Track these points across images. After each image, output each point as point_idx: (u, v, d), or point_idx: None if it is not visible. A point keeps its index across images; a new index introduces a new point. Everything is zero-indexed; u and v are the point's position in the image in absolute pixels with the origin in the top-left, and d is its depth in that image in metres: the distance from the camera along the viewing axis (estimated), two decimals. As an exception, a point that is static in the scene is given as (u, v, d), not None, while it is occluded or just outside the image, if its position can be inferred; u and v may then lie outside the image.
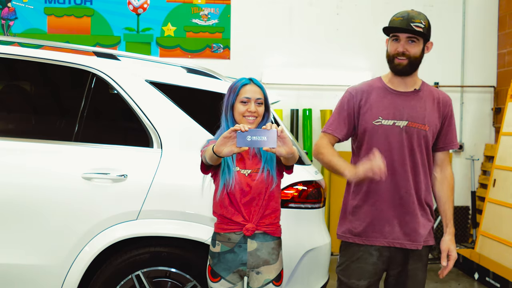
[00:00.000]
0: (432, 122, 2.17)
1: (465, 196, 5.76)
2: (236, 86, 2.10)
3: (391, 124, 2.15)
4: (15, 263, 2.40)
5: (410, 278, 2.19)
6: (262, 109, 2.11)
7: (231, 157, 2.05)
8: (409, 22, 2.11)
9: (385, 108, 2.17)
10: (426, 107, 2.17)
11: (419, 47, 2.15)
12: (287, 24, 5.47)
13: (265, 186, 2.08)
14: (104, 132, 2.67)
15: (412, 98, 2.18)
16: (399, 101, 2.17)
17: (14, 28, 5.29)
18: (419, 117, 2.15)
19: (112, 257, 2.50)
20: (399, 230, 2.16)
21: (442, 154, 2.25)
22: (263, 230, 2.09)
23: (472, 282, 4.48)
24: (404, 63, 2.13)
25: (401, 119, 2.15)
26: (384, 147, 2.13)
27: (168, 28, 5.40)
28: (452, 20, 5.67)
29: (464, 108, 5.75)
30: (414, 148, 2.14)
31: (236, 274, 2.11)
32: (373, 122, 2.17)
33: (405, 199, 2.15)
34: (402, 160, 2.14)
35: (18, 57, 2.55)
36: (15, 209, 2.40)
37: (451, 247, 2.19)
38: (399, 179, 2.14)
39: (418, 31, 2.10)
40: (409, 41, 2.12)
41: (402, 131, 2.14)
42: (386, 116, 2.16)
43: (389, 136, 2.15)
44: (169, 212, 2.48)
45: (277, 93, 5.19)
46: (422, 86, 2.23)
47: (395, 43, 2.14)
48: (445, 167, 2.25)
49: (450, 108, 2.23)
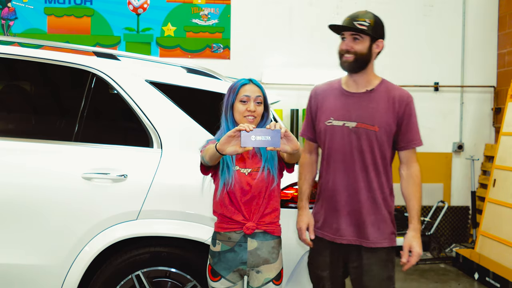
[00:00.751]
0: (384, 123, 2.18)
1: (465, 196, 5.76)
2: (236, 86, 2.13)
3: (341, 125, 2.22)
4: (15, 263, 2.40)
5: (365, 273, 2.21)
6: (261, 108, 2.13)
7: (230, 156, 2.06)
8: (352, 20, 2.20)
9: (337, 109, 2.24)
10: (378, 107, 2.20)
11: (364, 44, 2.19)
12: (287, 24, 5.47)
13: (265, 185, 2.08)
14: (104, 132, 2.67)
15: (363, 99, 2.22)
16: (350, 102, 2.23)
17: (14, 28, 5.29)
18: (368, 118, 2.18)
19: (112, 257, 2.50)
20: (346, 227, 2.21)
21: (405, 152, 2.25)
22: (263, 229, 2.10)
23: (472, 282, 4.48)
24: (350, 59, 2.19)
25: (350, 120, 2.20)
26: (336, 147, 2.22)
27: (168, 28, 5.40)
28: (452, 20, 5.67)
29: (464, 108, 5.75)
30: (364, 149, 2.18)
31: (236, 273, 2.12)
32: (325, 123, 2.25)
33: (352, 197, 2.20)
34: (352, 160, 2.20)
35: (18, 57, 2.55)
36: (15, 209, 2.40)
37: (413, 243, 2.18)
38: (349, 179, 2.20)
39: (360, 28, 2.17)
40: (353, 38, 2.19)
41: (351, 132, 2.19)
42: (337, 117, 2.23)
43: (339, 136, 2.21)
44: (169, 212, 2.48)
45: (277, 93, 5.19)
46: (378, 86, 2.24)
47: (342, 42, 2.23)
48: (410, 164, 2.25)
49: (408, 107, 2.21)
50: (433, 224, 5.33)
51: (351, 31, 2.19)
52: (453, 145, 5.74)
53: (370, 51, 2.21)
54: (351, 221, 2.21)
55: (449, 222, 5.75)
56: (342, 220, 2.22)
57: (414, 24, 5.60)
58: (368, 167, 2.19)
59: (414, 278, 4.55)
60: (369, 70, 2.25)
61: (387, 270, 2.23)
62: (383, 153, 2.20)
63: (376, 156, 2.19)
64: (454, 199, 5.79)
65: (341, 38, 2.25)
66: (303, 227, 2.31)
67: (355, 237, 2.21)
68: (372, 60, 2.24)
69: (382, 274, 2.21)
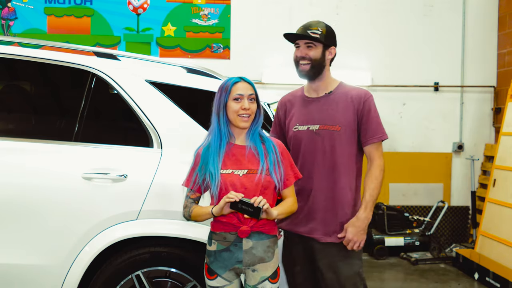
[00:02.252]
0: (345, 121, 2.31)
1: (465, 196, 5.76)
2: (227, 85, 2.13)
3: (305, 129, 2.36)
4: (15, 263, 2.40)
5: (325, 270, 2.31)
6: (254, 106, 2.14)
7: (214, 162, 2.09)
8: (306, 29, 2.34)
9: (301, 115, 2.39)
10: (338, 108, 2.33)
11: (318, 51, 2.33)
12: (287, 24, 5.46)
13: (261, 189, 2.08)
14: (104, 132, 2.67)
15: (323, 102, 2.36)
16: (312, 107, 2.38)
17: (14, 28, 5.30)
18: (330, 119, 2.32)
19: (112, 257, 2.50)
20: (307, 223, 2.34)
21: (368, 147, 2.34)
22: (259, 230, 2.10)
23: (472, 282, 4.48)
24: (307, 68, 2.33)
25: (313, 123, 2.34)
26: (303, 150, 2.36)
27: (168, 28, 5.40)
28: (452, 20, 5.67)
29: (464, 108, 5.75)
30: (327, 149, 2.31)
31: (232, 271, 2.13)
32: (292, 129, 2.40)
33: (313, 195, 2.33)
34: (316, 161, 2.33)
35: (18, 57, 2.55)
36: (15, 209, 2.40)
37: (349, 228, 2.27)
38: (313, 178, 2.33)
39: (313, 36, 2.31)
40: (307, 46, 2.33)
41: (315, 134, 2.33)
42: (301, 123, 2.38)
43: (305, 140, 2.35)
44: (169, 212, 2.48)
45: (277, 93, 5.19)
46: (336, 88, 2.38)
47: (297, 49, 2.38)
48: (372, 159, 2.34)
49: (366, 104, 2.32)
50: (433, 224, 5.33)
51: (305, 39, 2.33)
52: (453, 145, 5.74)
53: (323, 57, 2.35)
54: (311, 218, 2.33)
55: (449, 222, 5.75)
56: (304, 217, 2.35)
57: (414, 24, 5.60)
58: (335, 166, 2.31)
59: (414, 278, 4.55)
60: (326, 76, 2.39)
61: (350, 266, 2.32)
62: (346, 151, 2.32)
63: (339, 155, 2.31)
64: (454, 199, 5.79)
65: (295, 47, 2.39)
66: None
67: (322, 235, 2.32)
68: (327, 66, 2.38)
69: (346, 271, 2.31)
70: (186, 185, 2.18)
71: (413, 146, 5.66)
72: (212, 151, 2.10)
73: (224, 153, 2.12)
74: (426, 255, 5.08)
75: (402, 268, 4.80)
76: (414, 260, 4.96)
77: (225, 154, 2.12)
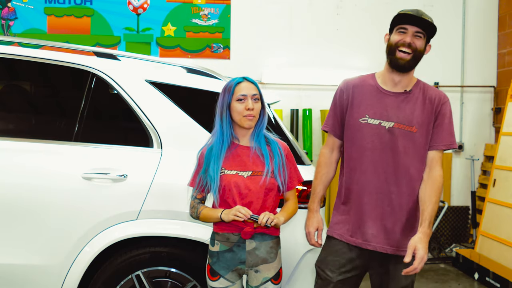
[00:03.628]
0: (422, 123, 2.10)
1: (465, 196, 5.76)
2: (231, 85, 2.11)
3: (376, 124, 2.11)
4: (16, 263, 2.40)
5: (392, 279, 2.13)
6: (258, 105, 2.11)
7: (214, 169, 2.07)
8: (420, 15, 2.09)
9: (373, 107, 2.13)
10: (416, 108, 2.12)
11: (423, 42, 2.12)
12: (287, 24, 5.47)
13: (265, 191, 2.08)
14: (104, 132, 2.67)
15: (402, 99, 2.13)
16: (388, 102, 2.13)
17: (14, 28, 5.29)
18: (407, 118, 2.10)
19: (112, 257, 2.50)
20: (374, 233, 2.11)
21: (431, 153, 2.13)
22: (262, 231, 2.10)
23: (472, 282, 4.48)
24: (408, 58, 2.09)
25: (387, 120, 2.10)
26: (367, 146, 2.11)
27: (168, 28, 5.40)
28: (452, 20, 5.67)
29: (464, 108, 5.75)
30: (399, 150, 2.08)
31: (235, 272, 2.12)
32: (359, 120, 2.14)
33: (382, 201, 2.10)
34: (385, 161, 2.10)
35: (18, 57, 2.55)
36: (15, 209, 2.40)
37: (418, 245, 1.99)
38: (379, 181, 2.11)
39: (430, 23, 2.08)
40: (415, 35, 2.09)
41: (387, 132, 2.10)
42: (373, 115, 2.12)
43: (373, 135, 2.11)
44: (169, 212, 2.47)
45: (277, 93, 5.20)
46: (415, 86, 2.17)
47: (401, 34, 2.10)
48: (433, 167, 2.12)
49: (443, 107, 2.13)
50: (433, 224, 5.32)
51: (420, 26, 2.07)
52: (453, 145, 5.74)
53: (424, 51, 2.14)
54: (379, 226, 2.11)
55: (449, 222, 5.74)
56: (369, 225, 2.11)
57: (414, 24, 5.59)
58: (400, 169, 2.09)
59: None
60: (413, 72, 2.18)
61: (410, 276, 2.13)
62: (419, 156, 2.10)
63: (411, 159, 2.09)
64: (454, 199, 5.79)
65: (397, 31, 2.12)
66: (312, 232, 2.21)
67: (383, 244, 2.11)
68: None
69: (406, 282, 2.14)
70: (191, 185, 2.17)
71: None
72: (214, 154, 2.09)
73: (229, 154, 2.11)
74: (426, 255, 5.08)
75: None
76: (414, 260, 4.95)
77: (229, 155, 2.10)
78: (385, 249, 2.11)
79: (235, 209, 1.98)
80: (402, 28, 2.10)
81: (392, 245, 2.11)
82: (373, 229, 2.11)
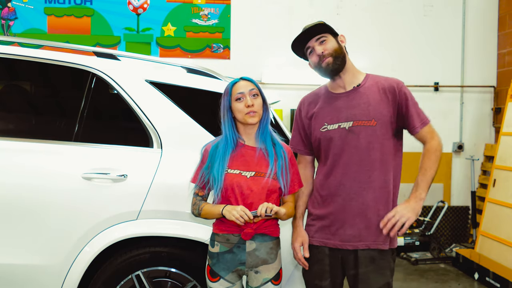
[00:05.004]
0: (380, 115, 2.12)
1: (465, 196, 5.77)
2: (227, 87, 2.14)
3: (336, 128, 2.15)
4: (16, 263, 2.40)
5: (361, 281, 2.11)
6: (259, 101, 2.11)
7: (218, 170, 2.07)
8: (307, 29, 2.16)
9: (329, 113, 2.18)
10: (371, 101, 2.13)
11: (332, 41, 2.17)
12: (287, 24, 5.47)
13: (267, 192, 2.08)
14: (104, 132, 2.66)
15: (353, 97, 2.16)
16: (340, 103, 2.17)
17: (14, 28, 5.30)
18: (364, 114, 2.12)
19: (112, 257, 2.50)
20: (350, 232, 2.12)
21: (418, 134, 2.17)
22: (262, 232, 2.10)
23: (472, 282, 4.48)
24: (331, 61, 2.13)
25: (346, 120, 2.14)
26: (333, 152, 2.15)
27: (168, 28, 5.40)
28: (452, 20, 5.67)
29: (464, 108, 5.75)
30: (363, 147, 2.11)
31: (235, 273, 2.12)
32: (320, 130, 2.19)
33: (354, 200, 2.12)
34: (351, 161, 2.12)
35: (18, 57, 2.55)
36: (15, 209, 2.39)
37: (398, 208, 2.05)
38: (353, 181, 2.12)
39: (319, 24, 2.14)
40: (320, 42, 2.16)
41: (348, 132, 2.12)
42: (330, 121, 2.17)
43: (336, 139, 2.14)
44: (169, 212, 2.47)
45: (277, 93, 5.20)
46: (364, 80, 2.20)
47: (312, 54, 2.19)
48: (427, 141, 2.15)
49: (401, 93, 2.14)
50: (433, 224, 5.33)
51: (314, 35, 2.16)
52: (453, 145, 5.74)
53: (340, 45, 2.17)
54: (356, 225, 2.11)
55: (449, 222, 5.75)
56: (347, 225, 2.12)
57: (414, 24, 5.60)
58: (368, 166, 2.11)
59: (414, 278, 4.55)
60: (351, 66, 2.21)
61: (385, 276, 2.11)
62: (385, 147, 2.13)
63: (376, 152, 2.11)
64: (454, 199, 5.79)
65: (308, 54, 2.22)
66: (297, 246, 2.22)
67: (359, 241, 2.11)
68: (347, 55, 2.20)
69: (380, 281, 2.10)
70: (193, 181, 2.17)
71: (413, 146, 5.63)
72: (219, 155, 2.09)
73: (234, 154, 2.11)
74: (426, 255, 5.08)
75: (402, 268, 4.80)
76: (414, 260, 4.96)
77: (234, 154, 2.11)
78: (367, 245, 2.11)
79: (239, 210, 1.97)
80: (307, 48, 2.20)
81: (371, 240, 2.11)
82: (350, 230, 2.12)
